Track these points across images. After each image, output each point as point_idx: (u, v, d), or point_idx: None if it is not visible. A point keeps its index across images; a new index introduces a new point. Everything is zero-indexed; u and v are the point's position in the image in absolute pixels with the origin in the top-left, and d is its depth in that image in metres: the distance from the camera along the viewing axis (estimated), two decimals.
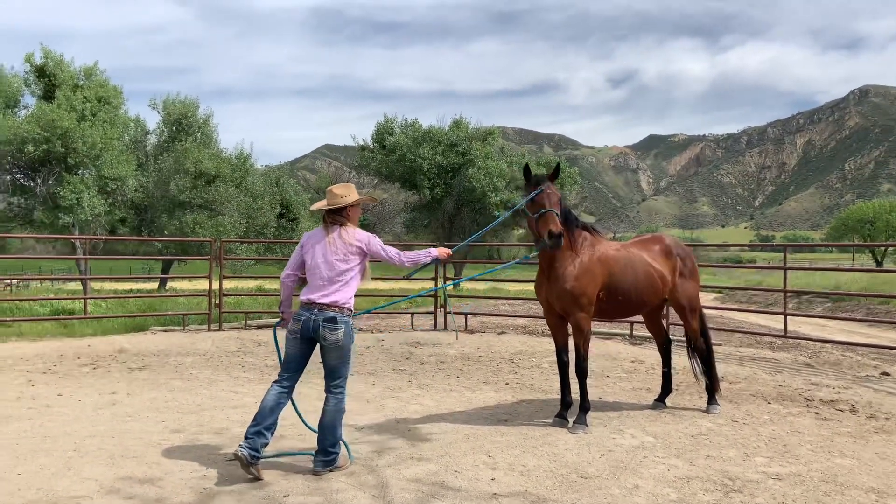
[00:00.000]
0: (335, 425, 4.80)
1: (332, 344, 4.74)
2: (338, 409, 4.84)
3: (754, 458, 5.33)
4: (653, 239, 7.07)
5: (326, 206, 4.97)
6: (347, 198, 4.96)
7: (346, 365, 4.87)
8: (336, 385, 4.85)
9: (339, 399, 4.85)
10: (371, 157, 42.23)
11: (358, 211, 5.10)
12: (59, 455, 5.06)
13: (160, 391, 7.51)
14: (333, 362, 4.81)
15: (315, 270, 4.87)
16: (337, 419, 4.83)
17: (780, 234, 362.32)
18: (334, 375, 4.84)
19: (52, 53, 31.86)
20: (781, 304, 21.59)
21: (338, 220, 4.96)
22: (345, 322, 4.78)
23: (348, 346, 4.81)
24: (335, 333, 4.72)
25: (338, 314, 4.77)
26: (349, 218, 5.00)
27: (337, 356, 4.79)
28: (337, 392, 4.85)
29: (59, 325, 12.28)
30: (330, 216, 4.98)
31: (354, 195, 5.01)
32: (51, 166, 29.88)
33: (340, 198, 4.95)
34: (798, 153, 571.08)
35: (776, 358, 10.13)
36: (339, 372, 4.84)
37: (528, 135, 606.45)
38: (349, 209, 5.01)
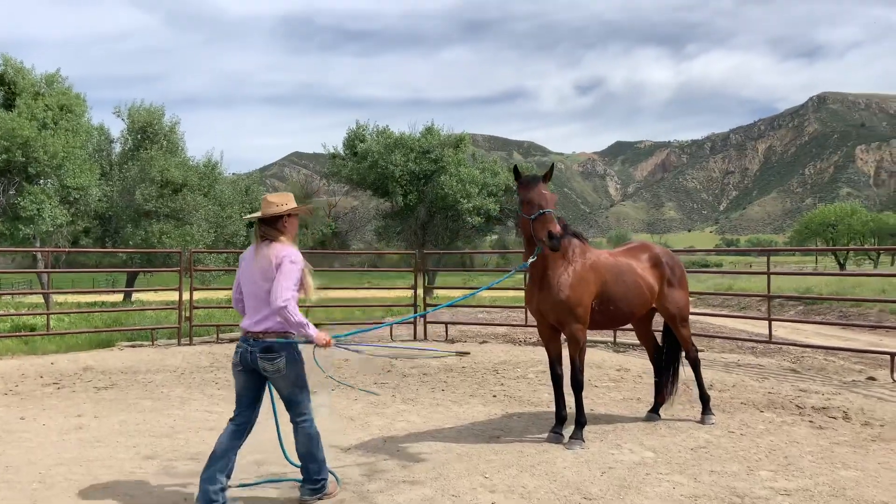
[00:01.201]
0: (313, 452, 4.43)
1: (273, 375, 4.29)
2: (309, 437, 4.43)
3: (758, 472, 5.15)
4: (640, 247, 6.91)
5: (258, 216, 4.46)
6: (282, 207, 4.41)
7: (303, 390, 4.41)
8: (299, 414, 4.43)
9: (306, 427, 4.43)
10: (342, 164, 41.77)
11: (295, 223, 4.56)
12: (23, 487, 4.67)
13: (130, 413, 7.10)
14: (285, 392, 4.38)
15: (248, 293, 4.39)
16: (312, 446, 4.44)
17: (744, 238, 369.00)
18: (292, 405, 4.42)
19: (11, 61, 30.85)
20: (755, 308, 21.80)
21: (269, 233, 4.40)
22: (284, 348, 4.28)
23: (296, 373, 4.34)
24: (274, 363, 4.25)
25: (272, 342, 4.25)
26: (284, 231, 4.44)
27: (286, 385, 4.35)
28: (302, 422, 4.43)
29: (20, 341, 11.71)
30: (262, 228, 4.43)
31: (291, 204, 4.47)
32: (10, 176, 28.85)
33: (275, 206, 4.41)
34: (760, 159, 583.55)
35: (761, 364, 10.06)
36: (295, 401, 4.40)
37: (497, 142, 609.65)
38: (284, 220, 4.45)
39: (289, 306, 4.12)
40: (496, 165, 44.07)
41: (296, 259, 4.27)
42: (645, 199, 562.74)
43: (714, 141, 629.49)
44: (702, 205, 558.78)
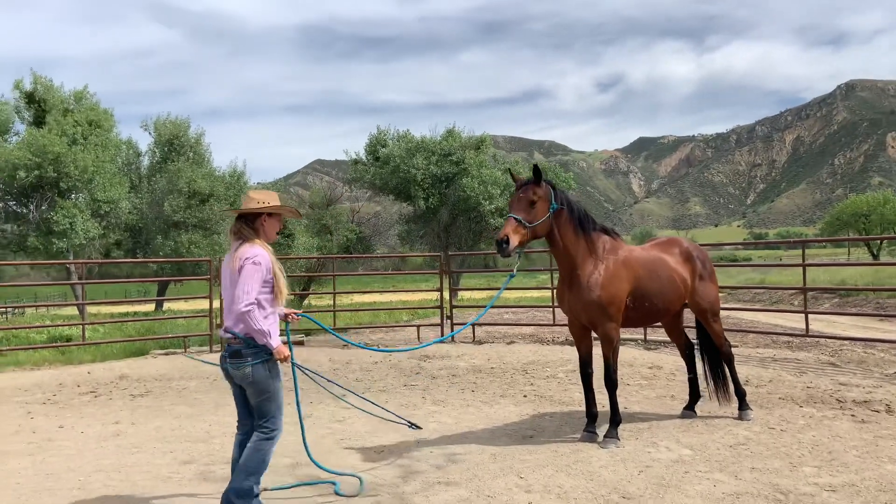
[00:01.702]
0: (247, 471, 4.01)
1: (242, 381, 4.04)
2: (256, 449, 4.04)
3: (802, 468, 5.03)
4: (670, 242, 6.78)
5: (236, 211, 4.20)
6: (261, 204, 4.13)
7: (271, 402, 4.08)
8: (263, 424, 4.10)
9: (261, 437, 4.06)
10: (364, 170, 41.91)
11: (275, 223, 4.24)
12: (64, 494, 4.73)
13: (165, 419, 7.18)
14: (253, 400, 4.09)
15: (224, 298, 4.18)
16: (250, 461, 4.02)
17: (773, 232, 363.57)
18: (259, 414, 4.11)
19: (41, 79, 31.58)
20: (787, 302, 21.42)
21: (243, 231, 4.12)
22: (252, 353, 4.00)
23: (265, 382, 4.04)
24: (241, 369, 4.00)
25: (243, 347, 4.00)
26: (262, 231, 4.17)
27: (254, 393, 4.06)
28: (263, 430, 4.08)
29: (56, 352, 11.93)
30: (237, 225, 4.16)
31: (274, 202, 4.17)
32: (43, 192, 29.52)
33: (255, 203, 4.14)
34: (787, 150, 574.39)
35: (798, 358, 9.87)
36: (262, 410, 4.09)
37: (518, 142, 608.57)
38: (263, 219, 4.16)
39: (252, 311, 3.91)
40: (518, 166, 43.92)
41: (260, 261, 3.98)
42: (669, 195, 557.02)
43: (739, 133, 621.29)
44: (728, 199, 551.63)
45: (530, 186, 5.59)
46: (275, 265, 4.08)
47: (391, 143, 42.24)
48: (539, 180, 5.63)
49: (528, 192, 5.55)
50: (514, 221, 5.41)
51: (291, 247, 35.17)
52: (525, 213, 5.47)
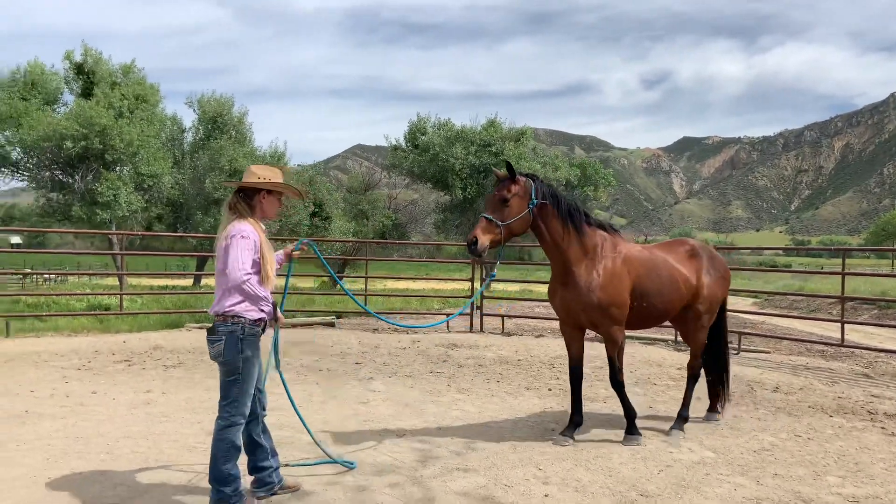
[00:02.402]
0: (216, 458, 3.88)
1: (215, 358, 3.93)
2: (219, 439, 3.89)
3: (826, 477, 4.94)
4: (677, 242, 6.54)
5: (235, 184, 4.06)
6: (262, 180, 3.97)
7: (236, 385, 3.90)
8: (223, 407, 3.93)
9: (221, 426, 3.90)
10: (403, 157, 42.04)
11: (274, 202, 4.09)
12: (92, 458, 4.89)
13: (195, 390, 7.35)
14: (221, 378, 3.96)
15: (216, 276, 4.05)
16: (218, 451, 3.88)
17: (815, 239, 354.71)
18: (222, 394, 3.95)
19: (91, 51, 32.29)
20: (825, 311, 20.93)
21: (239, 206, 3.96)
22: (227, 332, 3.85)
23: (235, 361, 3.88)
24: (214, 346, 3.88)
25: (219, 324, 3.88)
26: (258, 208, 4.02)
27: (223, 372, 3.92)
28: (221, 416, 3.92)
29: (95, 320, 12.29)
30: (234, 197, 3.99)
31: (276, 179, 4.01)
32: (89, 163, 30.25)
33: (255, 178, 3.98)
34: (836, 157, 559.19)
35: (831, 367, 9.65)
36: (225, 391, 3.93)
37: (559, 136, 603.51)
38: (262, 196, 4.01)
39: (251, 281, 3.80)
40: (557, 160, 43.60)
41: (248, 234, 3.85)
42: (711, 197, 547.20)
43: (787, 138, 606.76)
44: (772, 203, 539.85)
45: (504, 184, 5.38)
46: (263, 246, 3.92)
47: (431, 130, 42.26)
48: (514, 177, 5.38)
49: (501, 191, 5.35)
50: (484, 221, 5.25)
51: (328, 230, 35.55)
52: (497, 212, 5.28)
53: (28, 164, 31.41)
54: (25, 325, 11.82)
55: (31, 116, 29.06)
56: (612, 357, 5.74)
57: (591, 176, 44.12)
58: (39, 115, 29.26)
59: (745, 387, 8.13)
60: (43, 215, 31.80)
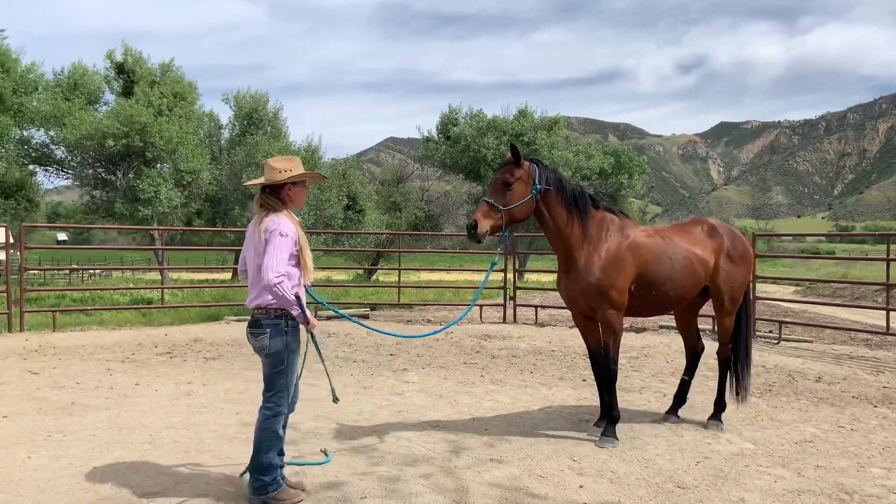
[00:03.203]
0: (259, 448, 3.99)
1: (259, 352, 4.00)
2: (262, 428, 4.00)
3: (870, 468, 4.82)
4: (694, 221, 6.17)
5: (260, 183, 4.04)
6: (286, 173, 3.97)
7: (281, 376, 4.00)
8: (266, 398, 4.04)
9: (266, 416, 4.01)
10: (435, 148, 42.06)
11: (301, 191, 4.09)
12: (135, 447, 5.02)
13: (234, 382, 7.49)
14: (265, 371, 4.04)
15: (249, 268, 4.08)
16: (262, 440, 3.99)
17: (860, 225, 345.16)
18: (265, 386, 4.06)
19: (131, 50, 33.00)
20: (870, 299, 20.35)
21: (269, 202, 3.97)
22: (272, 325, 3.92)
23: (281, 354, 3.95)
24: (259, 339, 3.95)
25: (263, 317, 3.93)
26: (288, 200, 4.02)
27: (268, 364, 4.00)
28: (266, 406, 4.03)
29: (138, 314, 12.59)
30: (262, 196, 4.00)
31: (298, 170, 4.03)
32: (130, 160, 30.96)
33: (278, 172, 3.97)
34: (880, 139, 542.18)
35: (877, 357, 9.40)
36: (269, 383, 4.03)
37: (592, 124, 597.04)
38: (288, 189, 4.01)
39: (282, 283, 3.78)
40: (591, 148, 43.12)
41: (286, 231, 3.85)
42: (750, 183, 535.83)
43: (829, 121, 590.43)
44: (814, 189, 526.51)
45: (507, 167, 5.23)
46: (301, 238, 3.95)
47: (462, 121, 42.18)
48: (518, 161, 5.22)
49: (504, 174, 5.21)
50: (486, 205, 5.11)
51: (362, 222, 35.79)
52: (499, 196, 5.14)
53: (72, 163, 32.29)
54: (71, 319, 12.19)
55: (73, 116, 29.84)
56: (608, 344, 5.42)
57: (625, 164, 43.54)
58: (82, 115, 30.03)
59: (786, 377, 7.98)
60: (87, 212, 32.67)
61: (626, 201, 43.96)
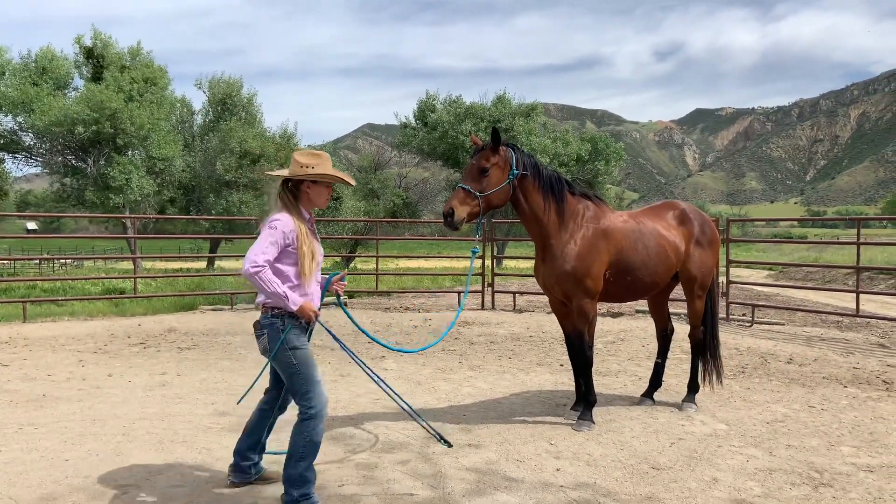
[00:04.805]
0: (292, 454, 3.67)
1: (263, 354, 3.77)
2: (298, 432, 3.67)
3: (840, 447, 4.92)
4: (666, 205, 6.22)
5: (281, 175, 3.81)
6: (307, 169, 3.73)
7: (297, 377, 3.67)
8: (299, 403, 3.72)
9: (302, 419, 3.67)
10: (413, 135, 41.89)
11: (322, 191, 3.83)
12: (108, 439, 4.95)
13: (210, 372, 7.42)
14: (282, 376, 3.77)
15: None
16: (296, 448, 3.66)
17: (832, 210, 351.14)
18: (292, 392, 3.78)
19: (101, 35, 32.30)
20: (840, 282, 20.74)
21: (285, 197, 3.76)
22: (268, 325, 3.67)
23: (283, 355, 3.66)
24: (260, 341, 3.73)
25: (262, 316, 3.72)
26: (306, 198, 3.79)
27: (278, 367, 3.73)
28: (301, 412, 3.70)
29: (110, 304, 12.39)
30: (280, 189, 3.80)
31: (322, 168, 3.76)
32: (100, 147, 30.39)
33: (299, 167, 3.74)
34: (852, 126, 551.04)
35: (846, 338, 9.58)
36: (293, 389, 3.74)
37: (570, 111, 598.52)
38: (307, 186, 3.78)
39: (261, 273, 3.51)
40: (568, 135, 43.25)
41: (276, 224, 3.61)
42: (725, 169, 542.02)
43: (802, 107, 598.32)
44: (787, 175, 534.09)
45: (483, 153, 5.11)
46: (302, 238, 3.68)
47: (440, 108, 42.02)
48: (496, 146, 5.12)
49: (480, 160, 5.08)
50: (462, 192, 4.98)
51: (339, 209, 35.58)
52: (475, 182, 5.02)
53: (41, 150, 31.63)
54: (42, 310, 11.96)
55: (42, 102, 29.19)
56: (582, 331, 5.43)
57: (602, 150, 43.73)
58: (51, 101, 29.39)
59: (759, 359, 8.10)
60: (57, 200, 32.07)
61: (603, 187, 44.16)
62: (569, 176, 40.61)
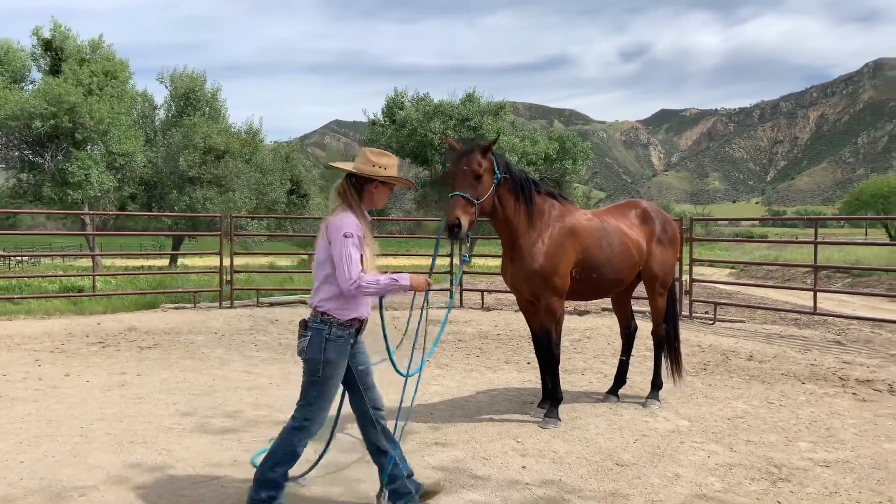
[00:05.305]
0: (269, 457, 3.59)
1: (299, 353, 3.66)
2: (283, 439, 3.60)
3: (797, 443, 5.04)
4: (628, 204, 6.32)
5: (348, 169, 3.72)
6: (380, 169, 3.66)
7: (314, 387, 3.60)
8: (299, 407, 3.64)
9: (292, 427, 3.61)
10: (381, 132, 41.71)
11: (386, 193, 3.77)
12: (65, 440, 4.82)
13: (171, 371, 7.28)
14: (303, 377, 3.67)
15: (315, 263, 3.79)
16: (275, 451, 3.59)
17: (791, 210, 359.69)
18: (301, 394, 3.67)
19: (60, 27, 31.44)
20: (799, 280, 21.26)
21: (348, 195, 3.65)
22: (315, 329, 3.58)
23: (316, 361, 3.56)
24: (300, 341, 3.64)
25: (311, 319, 3.64)
26: (369, 198, 3.72)
27: (305, 371, 3.65)
28: (294, 416, 3.64)
29: (68, 302, 12.08)
30: (344, 185, 3.68)
31: (393, 171, 3.70)
32: (59, 142, 29.58)
33: (371, 166, 3.65)
34: (811, 127, 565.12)
35: (804, 335, 9.81)
36: (302, 391, 3.65)
37: (538, 110, 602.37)
38: (375, 186, 3.70)
39: (360, 283, 3.48)
40: (536, 134, 43.49)
41: (350, 231, 3.51)
42: (689, 169, 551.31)
43: (763, 109, 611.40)
44: (748, 175, 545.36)
45: (475, 156, 4.94)
46: (365, 241, 3.61)
47: (409, 105, 41.90)
48: (488, 149, 5.04)
49: (474, 164, 4.90)
50: (462, 200, 4.78)
51: (306, 207, 35.25)
52: (471, 189, 4.85)
53: None
54: None
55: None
56: (549, 329, 5.45)
57: (569, 149, 44.04)
58: (7, 94, 28.51)
59: (721, 356, 8.24)
60: (14, 196, 31.11)
61: (570, 186, 44.51)
62: (537, 175, 40.85)
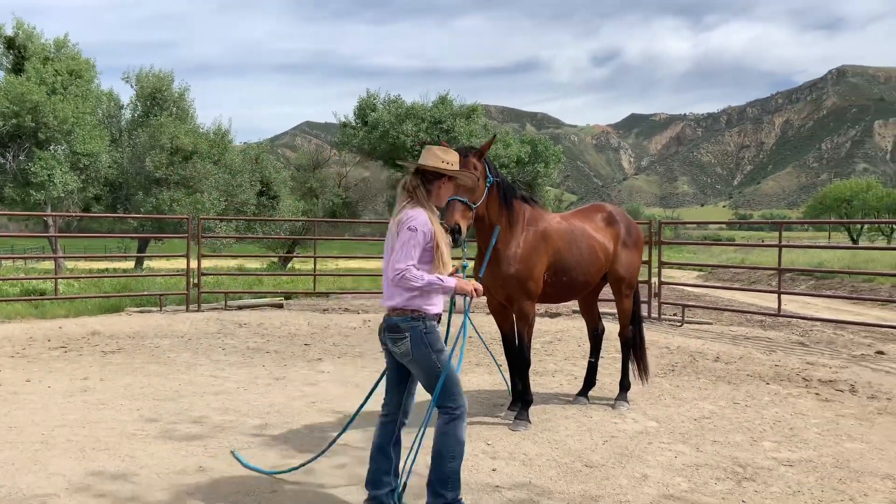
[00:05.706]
0: (442, 455, 3.62)
1: (402, 359, 3.69)
2: (444, 433, 3.64)
3: (762, 442, 5.11)
4: (594, 208, 6.39)
5: (417, 166, 3.70)
6: (447, 166, 3.66)
7: (439, 377, 3.61)
8: (442, 405, 3.66)
9: (446, 422, 3.64)
10: (353, 134, 41.51)
11: (451, 189, 3.80)
12: (25, 447, 4.69)
13: (135, 376, 7.13)
14: (420, 378, 3.72)
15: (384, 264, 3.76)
16: (443, 446, 3.62)
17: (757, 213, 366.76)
18: (431, 393, 3.71)
19: (23, 25, 30.73)
20: (764, 282, 21.66)
21: (417, 192, 3.64)
22: (410, 328, 3.59)
23: (428, 358, 3.60)
24: (399, 345, 3.62)
25: (399, 320, 3.60)
26: (436, 194, 3.70)
27: (418, 371, 3.67)
28: (444, 412, 3.66)
29: (29, 306, 11.78)
30: (414, 182, 3.67)
31: (457, 165, 3.75)
32: (21, 141, 28.89)
33: (441, 162, 3.66)
34: (776, 132, 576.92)
35: (769, 337, 9.99)
36: (433, 388, 3.66)
37: (510, 113, 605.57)
38: (443, 182, 3.70)
39: (406, 274, 3.46)
40: (508, 137, 43.68)
41: (416, 225, 3.51)
42: (658, 173, 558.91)
43: (730, 114, 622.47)
44: (716, 179, 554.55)
45: (471, 160, 4.93)
46: (439, 236, 3.60)
47: (381, 107, 41.78)
48: (484, 153, 5.03)
49: (469, 168, 4.87)
50: (461, 205, 4.68)
51: (276, 208, 34.91)
52: (469, 194, 4.78)
53: None
54: None
55: None
56: (522, 332, 5.50)
57: (541, 153, 44.30)
58: None
59: (688, 357, 8.35)
60: None
61: (542, 190, 44.79)
62: (510, 178, 41.03)
